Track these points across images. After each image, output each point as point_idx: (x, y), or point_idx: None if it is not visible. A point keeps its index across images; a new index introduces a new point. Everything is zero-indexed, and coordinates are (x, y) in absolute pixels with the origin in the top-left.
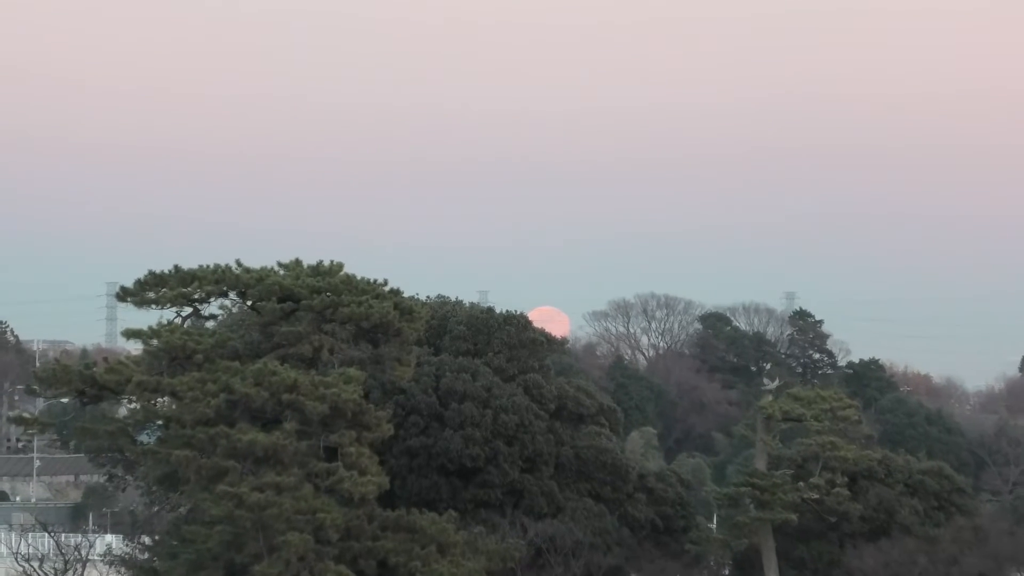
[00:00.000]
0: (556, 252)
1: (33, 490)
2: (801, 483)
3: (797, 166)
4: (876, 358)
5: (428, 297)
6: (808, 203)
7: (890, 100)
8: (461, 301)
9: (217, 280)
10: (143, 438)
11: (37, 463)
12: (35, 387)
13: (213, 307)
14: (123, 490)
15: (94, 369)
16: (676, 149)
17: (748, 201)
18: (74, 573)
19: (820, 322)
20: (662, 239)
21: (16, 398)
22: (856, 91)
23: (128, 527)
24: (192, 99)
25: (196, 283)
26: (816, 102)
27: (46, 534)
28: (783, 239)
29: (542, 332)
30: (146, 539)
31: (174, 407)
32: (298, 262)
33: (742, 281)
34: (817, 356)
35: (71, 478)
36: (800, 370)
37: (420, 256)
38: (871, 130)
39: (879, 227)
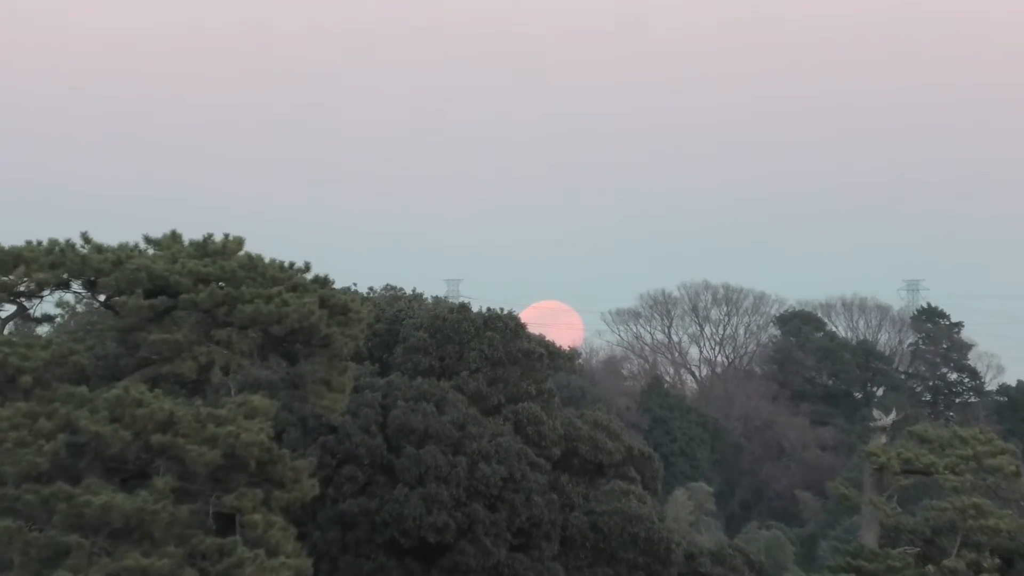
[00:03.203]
0: (560, 222)
1: None
2: (931, 566)
3: (917, 106)
4: None
5: (371, 289)
6: (935, 154)
7: None
8: (421, 294)
9: (53, 264)
10: None
11: None
12: None
13: (48, 304)
14: None
15: None
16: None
17: (843, 152)
18: None
19: (958, 325)
20: (718, 206)
21: None
22: None
23: None
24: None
25: (21, 268)
26: None
27: None
28: (902, 205)
29: (542, 340)
30: None
31: None
32: (175, 237)
33: (841, 266)
34: (954, 376)
35: None
36: (928, 397)
37: (356, 228)
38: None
39: None
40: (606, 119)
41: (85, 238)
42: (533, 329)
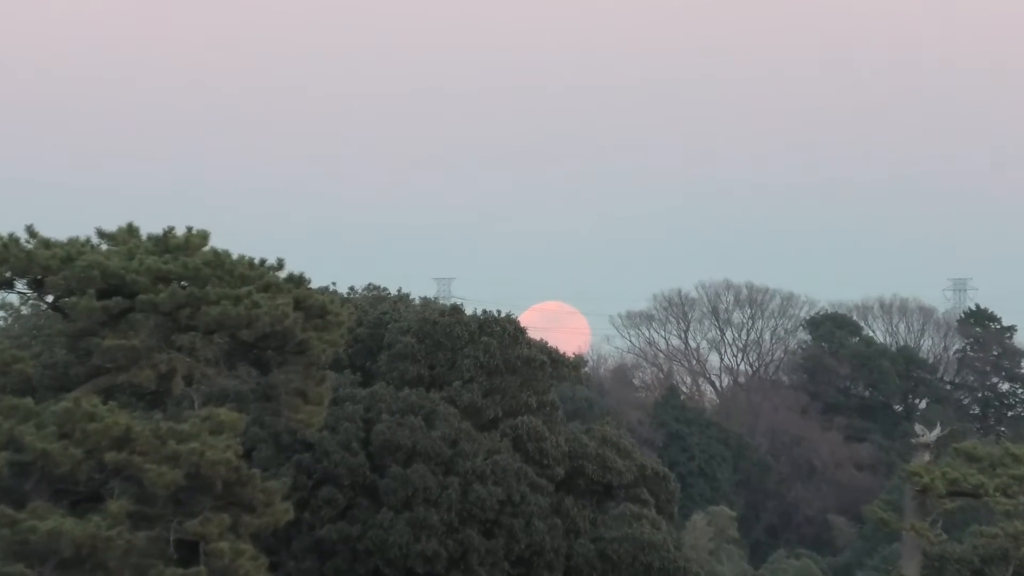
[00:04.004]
0: (564, 214)
1: None
2: None
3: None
4: None
5: (352, 289)
6: (984, 138)
7: None
8: (408, 295)
9: None
10: None
11: None
12: None
13: None
14: None
15: None
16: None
17: (880, 137)
18: None
19: (1011, 329)
20: (740, 197)
21: None
22: None
23: None
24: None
25: None
26: None
27: None
28: (947, 195)
29: (544, 346)
30: None
31: None
32: (131, 230)
33: (879, 262)
34: (1006, 387)
35: None
36: (977, 410)
37: (335, 221)
38: None
39: None
40: (613, 100)
41: (31, 232)
42: (534, 334)
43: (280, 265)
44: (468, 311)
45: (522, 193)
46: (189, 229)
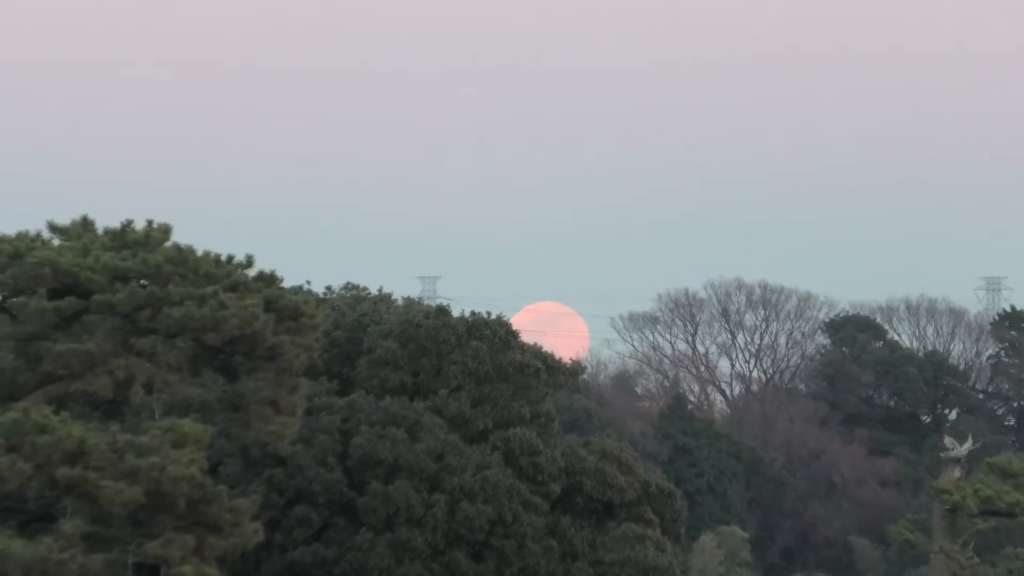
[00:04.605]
0: (560, 206)
1: None
2: None
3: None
4: None
5: (328, 289)
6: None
7: None
8: (389, 295)
9: None
10: None
11: None
12: None
13: None
14: None
15: None
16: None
17: (906, 127)
18: None
19: None
20: (753, 188)
21: None
22: None
23: None
24: None
25: None
26: None
27: None
28: (978, 188)
29: (538, 351)
30: None
31: None
32: (86, 224)
33: (905, 260)
34: None
35: None
36: (1012, 421)
37: (310, 215)
38: None
39: None
40: (614, 82)
41: None
42: (528, 337)
43: (249, 262)
44: (455, 313)
45: (514, 183)
46: (149, 223)
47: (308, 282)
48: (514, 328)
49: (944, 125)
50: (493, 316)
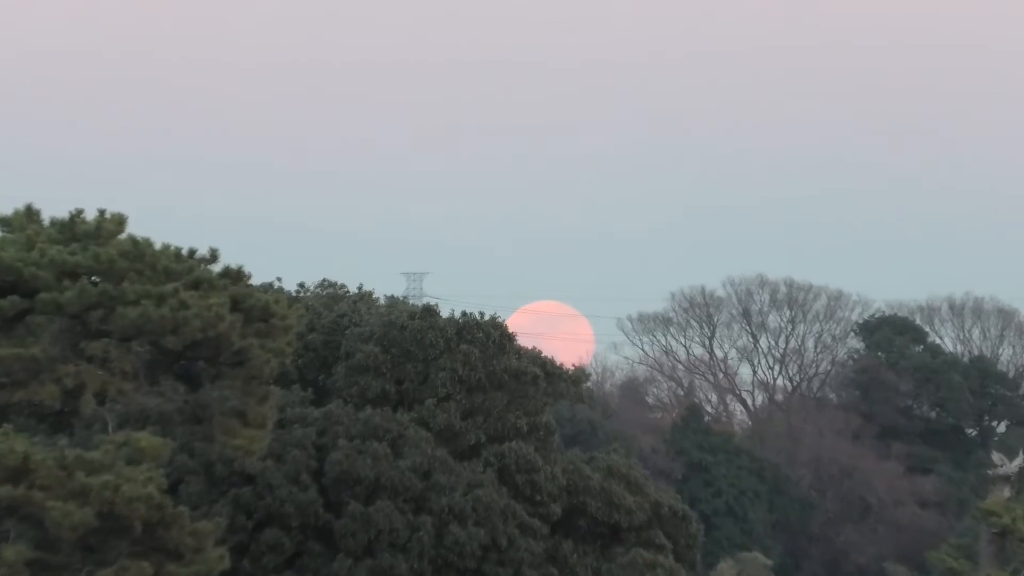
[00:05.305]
0: (561, 194)
1: None
2: None
3: None
4: None
5: (302, 287)
6: None
7: None
8: (370, 293)
9: None
10: None
11: None
12: None
13: None
14: None
15: None
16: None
17: (945, 109)
18: None
19: None
20: (776, 174)
21: None
22: None
23: None
24: None
25: None
26: None
27: None
28: None
29: (536, 356)
30: None
31: None
32: (31, 214)
33: (947, 255)
34: None
35: None
36: None
37: (281, 205)
38: None
39: None
40: (621, 55)
41: None
42: (525, 341)
43: (214, 257)
44: (444, 313)
45: (509, 169)
46: (101, 212)
47: (279, 279)
48: (510, 330)
49: (992, 107)
50: (486, 317)
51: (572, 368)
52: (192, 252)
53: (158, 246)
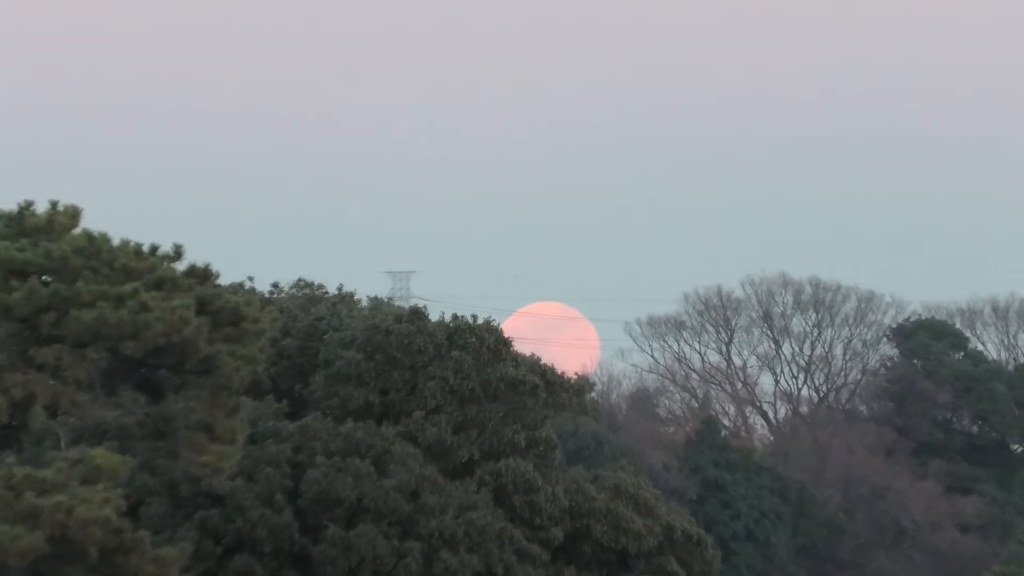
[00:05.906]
0: (562, 186)
1: None
2: None
3: None
4: None
5: (276, 287)
6: None
7: None
8: (351, 294)
9: None
10: None
11: None
12: None
13: None
14: None
15: None
16: None
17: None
18: None
19: None
20: (800, 164)
21: None
22: None
23: None
24: None
25: None
26: None
27: None
28: None
29: (536, 363)
30: None
31: None
32: None
33: (989, 253)
34: None
35: None
36: None
37: (251, 198)
38: None
39: None
40: (627, 41)
41: None
42: (523, 347)
43: (178, 254)
44: (433, 316)
45: (506, 157)
46: (53, 205)
47: (251, 279)
48: (506, 335)
49: None
50: (480, 320)
51: (575, 377)
52: (154, 249)
53: (116, 242)
